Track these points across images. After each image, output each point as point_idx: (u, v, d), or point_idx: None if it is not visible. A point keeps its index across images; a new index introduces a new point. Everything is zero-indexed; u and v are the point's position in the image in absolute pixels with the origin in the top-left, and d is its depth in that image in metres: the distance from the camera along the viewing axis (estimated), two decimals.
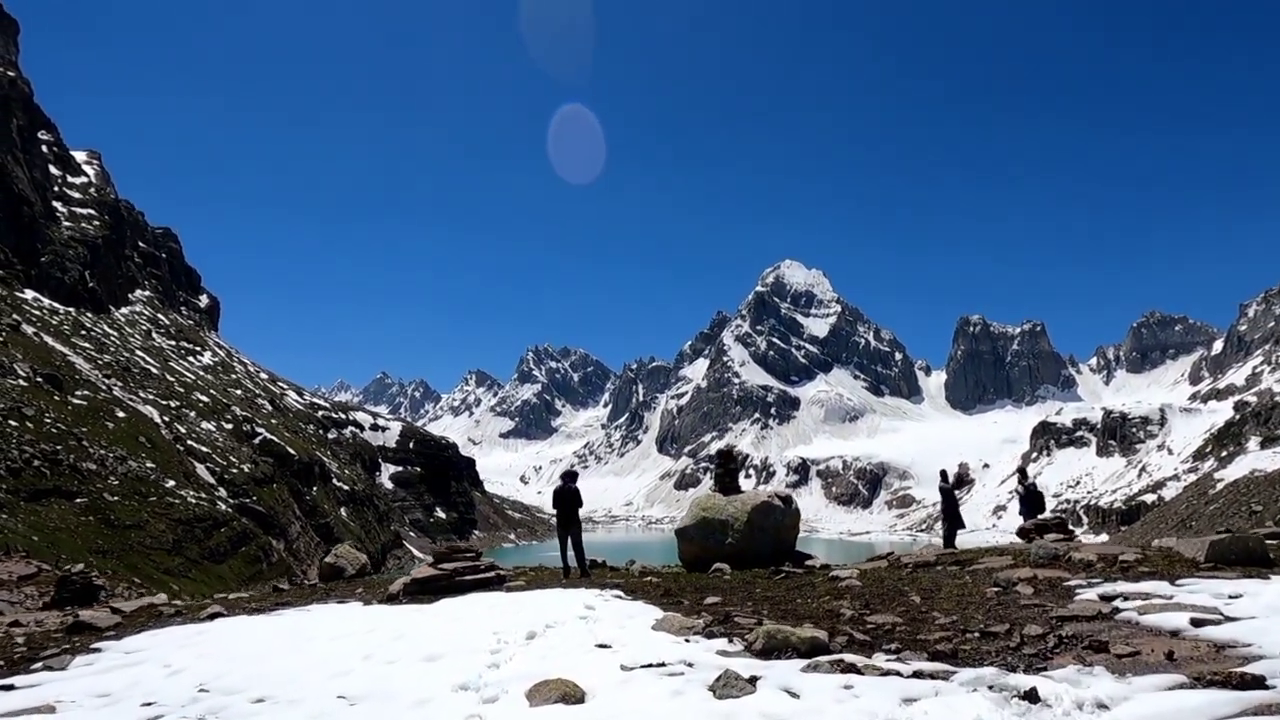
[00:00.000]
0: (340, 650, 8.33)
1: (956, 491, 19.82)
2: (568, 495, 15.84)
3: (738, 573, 14.02)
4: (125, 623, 12.24)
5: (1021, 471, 20.68)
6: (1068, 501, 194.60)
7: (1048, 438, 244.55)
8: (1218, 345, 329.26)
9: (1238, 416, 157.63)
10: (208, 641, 9.47)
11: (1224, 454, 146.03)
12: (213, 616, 12.12)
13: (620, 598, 10.96)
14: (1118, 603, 7.73)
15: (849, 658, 6.68)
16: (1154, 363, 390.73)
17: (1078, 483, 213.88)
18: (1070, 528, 15.46)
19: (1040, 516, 16.69)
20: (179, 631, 10.45)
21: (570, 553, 15.81)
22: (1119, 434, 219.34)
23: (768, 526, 15.49)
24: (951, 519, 19.00)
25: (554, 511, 16.05)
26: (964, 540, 19.23)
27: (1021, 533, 15.40)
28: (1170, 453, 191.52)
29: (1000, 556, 11.96)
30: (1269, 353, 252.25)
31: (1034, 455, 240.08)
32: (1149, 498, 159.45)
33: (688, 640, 7.70)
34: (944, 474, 19.92)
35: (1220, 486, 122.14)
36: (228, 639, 9.57)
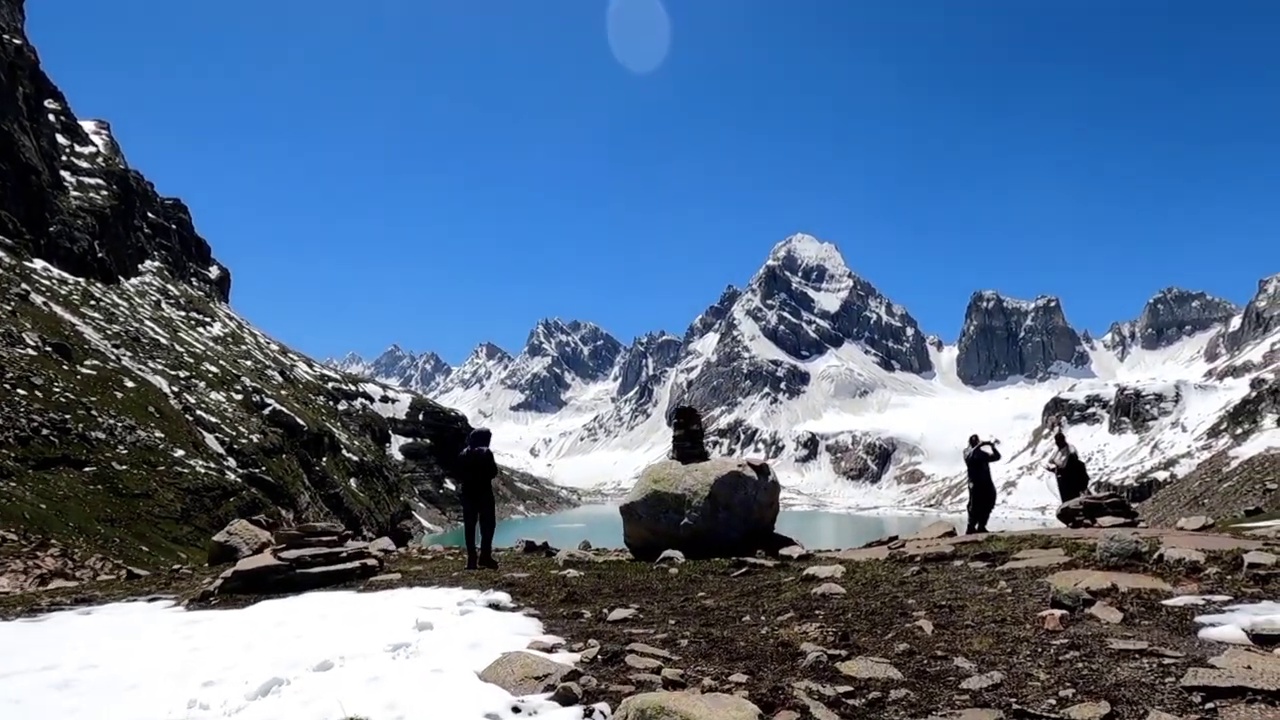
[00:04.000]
0: None
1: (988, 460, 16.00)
2: (477, 462, 12.25)
3: (690, 564, 11.06)
4: None
5: (1060, 439, 17.23)
6: None
7: (1060, 414, 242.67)
8: (1236, 321, 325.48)
9: (1254, 394, 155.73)
10: None
11: (1239, 431, 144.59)
12: None
13: (495, 606, 8.02)
14: None
15: None
16: (1170, 339, 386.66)
17: (1089, 460, 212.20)
18: (1133, 508, 13.00)
19: (1084, 495, 14.13)
20: None
21: (480, 535, 12.32)
22: (1132, 411, 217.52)
23: (735, 503, 12.34)
24: (982, 495, 15.72)
25: (463, 481, 12.46)
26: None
27: (1065, 515, 12.78)
28: (1184, 430, 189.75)
29: (1046, 549, 8.86)
30: None
31: (1045, 432, 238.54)
32: (1161, 475, 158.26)
33: (517, 709, 4.69)
34: (974, 440, 16.20)
35: (1235, 464, 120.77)
36: None
